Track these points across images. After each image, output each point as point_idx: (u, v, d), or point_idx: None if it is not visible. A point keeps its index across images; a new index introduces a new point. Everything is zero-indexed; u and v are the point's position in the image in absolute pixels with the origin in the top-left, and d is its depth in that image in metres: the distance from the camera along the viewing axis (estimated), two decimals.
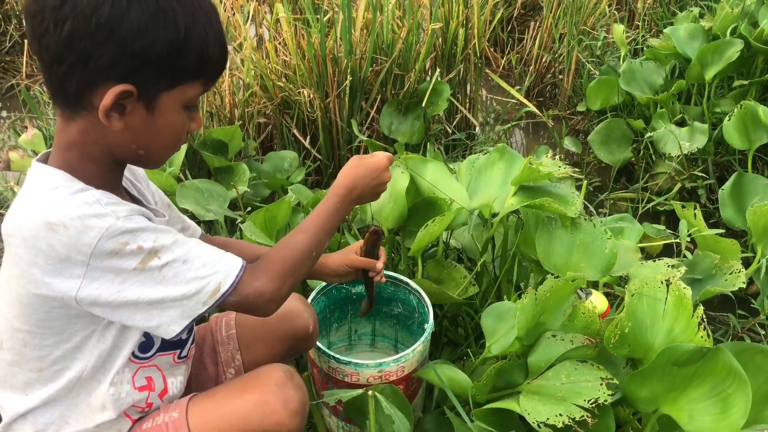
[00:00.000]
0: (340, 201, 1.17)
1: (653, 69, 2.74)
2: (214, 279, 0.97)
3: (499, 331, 1.42)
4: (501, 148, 1.76)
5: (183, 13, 0.90)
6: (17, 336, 0.98)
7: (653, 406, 1.27)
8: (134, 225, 0.92)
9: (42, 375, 1.01)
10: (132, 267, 0.92)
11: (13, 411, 1.03)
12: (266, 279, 1.03)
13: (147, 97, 0.93)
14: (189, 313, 0.97)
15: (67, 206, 0.90)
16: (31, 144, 2.22)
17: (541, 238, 1.55)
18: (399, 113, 2.62)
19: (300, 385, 1.11)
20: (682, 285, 1.33)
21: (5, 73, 3.82)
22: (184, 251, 0.96)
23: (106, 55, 0.87)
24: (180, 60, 0.92)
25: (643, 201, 2.46)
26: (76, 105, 0.93)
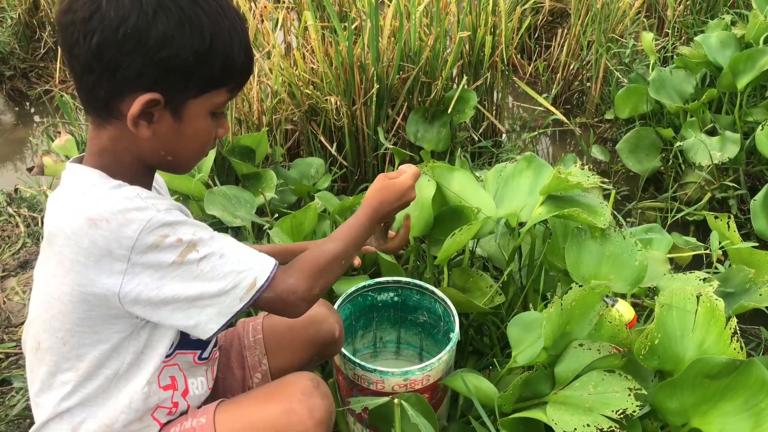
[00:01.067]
0: (368, 219, 1.21)
1: (683, 77, 2.71)
2: (250, 274, 0.99)
3: (525, 341, 1.41)
4: (529, 157, 1.75)
5: (208, 21, 0.92)
6: (56, 336, 0.99)
7: (683, 419, 1.25)
8: (174, 218, 0.94)
9: (78, 375, 1.02)
10: (171, 260, 0.93)
11: (50, 411, 1.04)
12: (299, 277, 1.05)
13: (174, 104, 0.95)
14: (227, 310, 0.98)
15: (107, 201, 0.92)
16: (64, 149, 2.26)
17: (570, 249, 1.54)
18: (425, 121, 2.62)
19: (326, 394, 1.11)
20: (713, 297, 1.31)
21: (39, 79, 3.90)
22: (221, 245, 0.98)
23: (134, 64, 0.90)
24: (205, 67, 0.94)
25: (672, 211, 2.43)
26: (105, 113, 0.95)
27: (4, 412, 1.62)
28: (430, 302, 1.57)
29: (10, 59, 3.82)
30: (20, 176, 2.86)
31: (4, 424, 1.59)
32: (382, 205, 1.23)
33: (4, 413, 1.62)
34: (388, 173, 1.30)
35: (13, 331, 1.91)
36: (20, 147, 3.33)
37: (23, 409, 1.60)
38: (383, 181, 1.26)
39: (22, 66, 3.88)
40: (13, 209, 2.45)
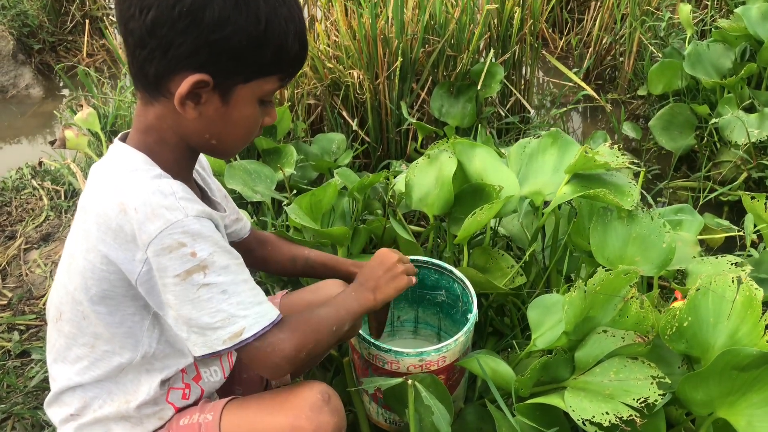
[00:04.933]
0: (356, 292, 1.20)
1: (721, 51, 2.59)
2: (242, 322, 0.95)
3: (546, 324, 1.37)
4: (554, 133, 1.69)
5: (265, 6, 0.91)
6: (77, 308, 1.00)
7: (709, 409, 1.20)
8: (199, 228, 0.92)
9: (94, 353, 1.03)
10: (176, 272, 0.91)
11: (64, 383, 1.06)
12: (289, 337, 1.00)
13: (223, 88, 0.94)
14: (209, 345, 0.96)
15: (142, 191, 0.92)
16: (85, 122, 2.26)
17: (595, 229, 1.48)
18: (450, 95, 2.56)
19: (336, 409, 1.07)
20: (754, 285, 1.25)
21: (67, 52, 3.92)
22: (229, 281, 0.95)
23: (186, 44, 0.89)
24: (258, 53, 0.93)
25: (705, 191, 2.35)
26: (154, 90, 0.95)
27: (23, 384, 1.64)
28: (448, 282, 1.54)
29: (39, 33, 3.84)
30: (45, 149, 2.88)
31: (22, 395, 1.61)
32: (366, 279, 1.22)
33: (23, 384, 1.64)
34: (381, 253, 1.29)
35: (34, 303, 1.93)
36: (48, 120, 3.36)
37: (41, 380, 1.62)
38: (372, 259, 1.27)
39: (51, 40, 3.90)
40: (37, 182, 2.47)
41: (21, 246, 2.14)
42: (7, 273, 2.05)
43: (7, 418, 1.55)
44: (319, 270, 1.40)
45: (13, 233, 2.22)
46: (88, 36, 3.84)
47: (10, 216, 2.32)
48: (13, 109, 3.45)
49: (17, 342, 1.76)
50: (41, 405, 1.57)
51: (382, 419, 1.46)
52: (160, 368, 1.06)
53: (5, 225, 2.28)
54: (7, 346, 1.75)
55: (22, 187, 2.47)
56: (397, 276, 1.23)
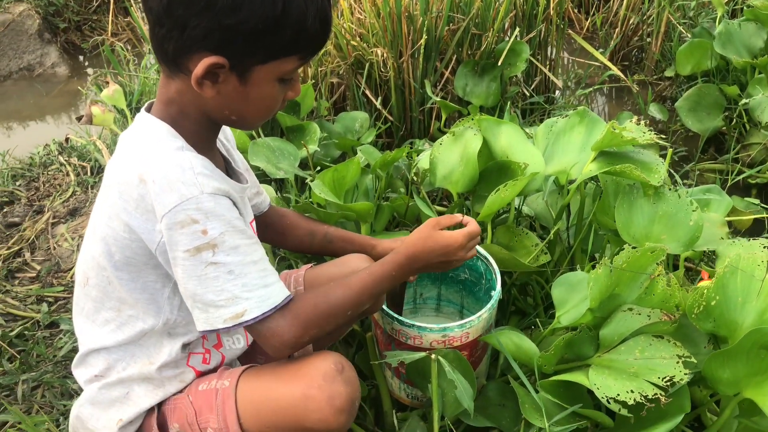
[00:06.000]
0: (398, 269, 1.12)
1: (753, 31, 2.53)
2: (244, 304, 0.96)
3: (570, 301, 1.36)
4: (581, 111, 1.67)
5: None
6: (102, 274, 1.02)
7: (735, 389, 1.19)
8: (213, 206, 0.93)
9: (120, 317, 1.06)
10: (186, 247, 0.92)
11: (91, 345, 1.09)
12: (291, 324, 1.00)
13: (240, 69, 0.94)
14: (210, 322, 0.97)
15: (163, 163, 0.93)
16: (111, 99, 2.28)
17: (620, 207, 1.46)
18: (475, 74, 2.54)
19: (350, 379, 1.06)
20: None
21: (92, 31, 3.96)
22: (237, 261, 0.95)
23: (201, 26, 0.89)
24: (275, 36, 0.91)
25: (733, 173, 2.31)
26: (174, 66, 0.95)
27: (52, 353, 1.68)
28: (471, 259, 1.53)
29: (65, 12, 3.88)
30: (72, 126, 2.91)
31: (51, 364, 1.64)
32: (418, 256, 1.13)
33: (52, 354, 1.67)
34: (441, 218, 1.18)
35: (62, 276, 1.96)
36: (73, 98, 3.39)
37: (70, 350, 1.66)
38: (430, 230, 1.15)
39: (76, 19, 3.93)
40: (64, 158, 2.51)
41: (49, 220, 2.18)
42: (36, 246, 2.09)
43: (38, 387, 1.59)
44: (338, 244, 1.39)
45: (41, 208, 2.26)
46: (113, 15, 3.86)
47: (38, 191, 2.36)
48: (39, 88, 3.49)
49: (46, 313, 1.79)
50: (70, 374, 1.61)
51: (404, 394, 1.47)
52: (183, 333, 1.08)
53: (33, 200, 2.31)
54: (36, 317, 1.79)
55: (49, 162, 2.51)
56: (453, 262, 1.18)
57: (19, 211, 2.24)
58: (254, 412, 1.05)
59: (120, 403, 1.09)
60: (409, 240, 1.15)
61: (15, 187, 2.37)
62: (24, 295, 1.88)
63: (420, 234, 1.15)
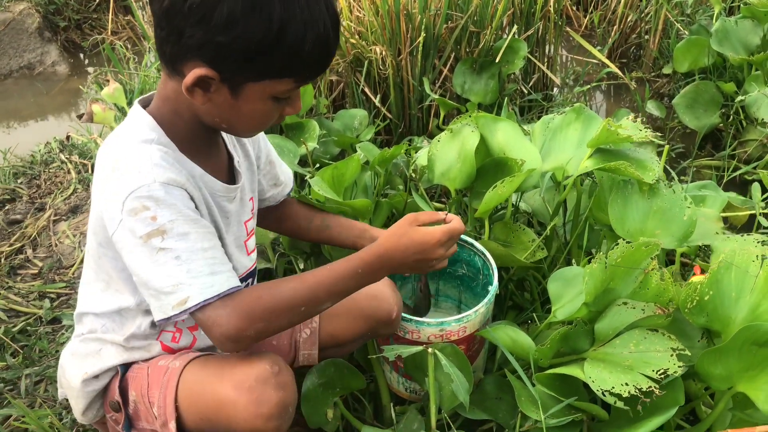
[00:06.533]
0: (365, 266, 1.05)
1: (750, 28, 2.54)
2: (186, 291, 0.94)
3: (566, 296, 1.38)
4: (578, 108, 1.68)
5: (281, 10, 0.88)
6: (95, 250, 1.08)
7: (728, 383, 1.21)
8: (163, 195, 0.95)
9: (109, 289, 1.11)
10: (138, 234, 0.94)
11: (83, 307, 1.15)
12: (231, 314, 0.96)
13: (231, 82, 0.94)
14: (163, 309, 0.96)
15: (128, 153, 0.98)
16: (112, 97, 2.29)
17: (615, 202, 1.48)
18: (473, 72, 2.55)
19: (284, 384, 1.02)
20: None
21: (92, 30, 3.97)
22: (186, 247, 0.95)
23: (195, 37, 0.90)
24: (268, 57, 0.91)
25: (729, 169, 2.32)
26: (171, 68, 0.97)
27: (55, 349, 1.69)
28: (469, 255, 1.55)
29: (65, 10, 3.89)
30: (72, 124, 2.93)
31: (54, 359, 1.66)
32: (391, 254, 1.06)
33: (55, 349, 1.69)
34: (420, 214, 1.10)
35: (63, 272, 1.98)
36: (73, 97, 3.40)
37: None
38: (406, 226, 1.08)
39: (76, 17, 3.94)
40: (65, 156, 2.52)
41: (50, 217, 2.20)
42: (38, 243, 2.10)
43: (40, 381, 1.61)
44: (335, 230, 1.38)
45: (43, 205, 2.28)
46: (113, 13, 3.87)
47: (39, 189, 2.38)
48: (39, 86, 3.50)
49: (48, 309, 1.81)
50: None
51: (403, 388, 1.49)
52: None
53: (35, 197, 2.33)
54: (38, 313, 1.81)
55: (50, 160, 2.52)
56: (427, 269, 1.12)
57: (20, 209, 2.26)
58: (191, 400, 1.04)
59: (92, 357, 1.14)
60: (382, 236, 1.08)
61: (16, 185, 2.39)
62: (26, 291, 1.90)
63: (395, 230, 1.08)
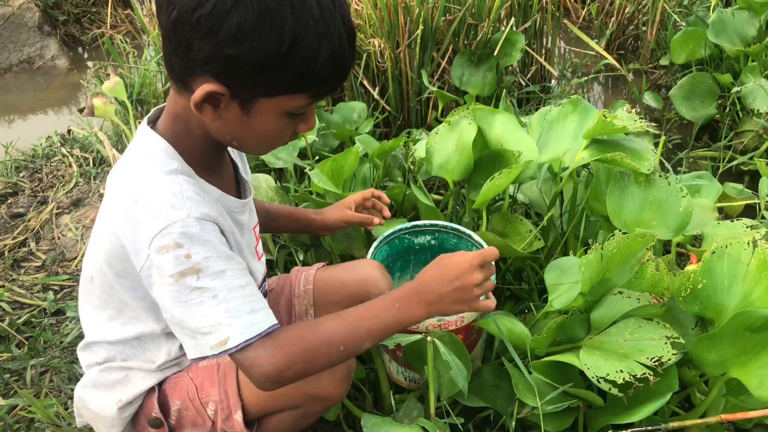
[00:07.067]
0: (401, 301, 1.02)
1: (746, 19, 2.55)
2: (227, 331, 0.92)
3: (562, 286, 1.40)
4: (575, 100, 1.70)
5: (294, 22, 0.83)
6: (105, 279, 1.04)
7: (721, 369, 1.23)
8: (198, 231, 0.91)
9: (122, 316, 1.08)
10: (170, 272, 0.90)
11: (95, 337, 1.12)
12: (271, 355, 0.95)
13: (242, 98, 0.90)
14: (200, 349, 0.94)
15: (154, 186, 0.93)
16: (113, 91, 2.31)
17: (612, 193, 1.50)
18: (471, 64, 2.57)
19: None
20: None
21: (91, 24, 3.97)
22: (222, 286, 0.92)
23: (204, 50, 0.85)
24: (280, 72, 0.87)
25: (725, 160, 2.34)
26: (181, 83, 0.93)
27: (59, 340, 1.72)
28: (467, 246, 1.57)
29: (64, 4, 3.89)
30: (73, 118, 2.94)
31: (59, 350, 1.68)
32: (427, 283, 1.02)
33: (59, 340, 1.71)
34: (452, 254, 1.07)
35: (66, 264, 2.00)
36: (73, 91, 3.41)
37: (76, 337, 1.70)
38: (437, 260, 1.05)
39: (75, 11, 3.94)
40: (66, 150, 2.54)
41: (53, 211, 2.21)
42: (41, 236, 2.12)
43: (46, 372, 1.63)
44: (282, 221, 1.39)
45: (45, 198, 2.29)
46: (112, 7, 3.88)
47: (41, 182, 2.39)
48: (39, 80, 3.51)
49: (52, 301, 1.83)
50: (77, 359, 1.64)
51: (402, 378, 1.51)
52: None
53: (37, 191, 2.35)
54: (42, 305, 1.83)
55: (52, 154, 2.54)
56: (470, 300, 1.03)
57: (23, 202, 2.27)
58: None
59: (120, 384, 1.12)
60: (418, 275, 1.06)
61: (18, 179, 2.41)
62: (30, 283, 1.92)
63: (427, 267, 1.06)
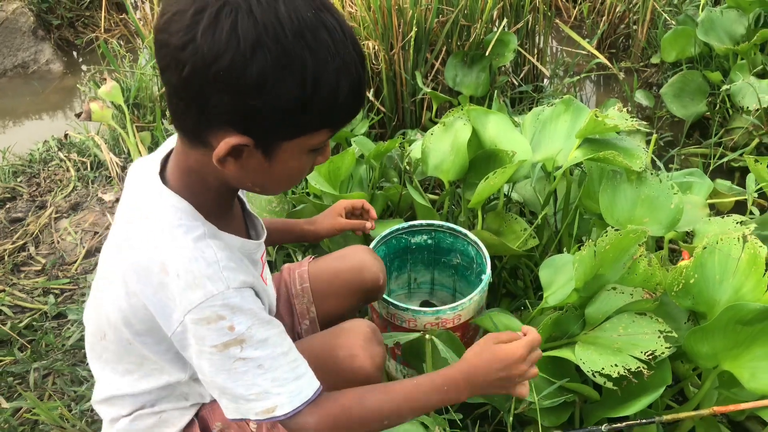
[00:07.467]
0: (451, 384, 1.03)
1: (735, 18, 2.59)
2: (275, 399, 0.93)
3: (557, 282, 1.43)
4: (567, 100, 1.72)
5: (313, 62, 0.81)
6: (121, 336, 0.99)
7: (713, 362, 1.26)
8: (239, 301, 0.90)
9: (142, 369, 1.04)
10: (213, 343, 0.90)
11: (113, 391, 1.07)
12: (318, 424, 0.97)
13: (265, 145, 0.88)
14: (242, 412, 0.95)
15: (185, 255, 0.90)
16: (109, 95, 2.32)
17: (604, 191, 1.53)
18: (464, 65, 2.59)
19: (382, 341, 1.19)
20: (758, 243, 1.29)
21: (85, 28, 3.97)
22: (267, 355, 0.92)
23: (224, 104, 0.82)
24: (304, 114, 0.85)
25: (716, 156, 2.37)
26: (194, 139, 0.89)
27: (61, 342, 1.73)
28: (463, 245, 1.60)
29: (57, 8, 3.89)
30: (70, 122, 2.95)
31: (61, 353, 1.70)
32: (477, 371, 1.04)
33: (61, 343, 1.73)
34: (500, 334, 1.08)
35: (66, 268, 2.01)
36: (68, 95, 3.42)
37: (78, 340, 1.71)
38: (488, 344, 1.05)
39: (69, 15, 3.95)
40: (63, 154, 2.55)
41: (51, 215, 2.22)
42: (40, 240, 2.14)
43: (48, 374, 1.64)
44: (275, 235, 1.38)
45: (44, 203, 2.31)
46: (105, 11, 3.89)
47: (39, 186, 2.40)
48: (35, 85, 3.52)
49: (53, 305, 1.85)
50: (79, 362, 1.66)
51: (401, 375, 1.53)
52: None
53: (35, 195, 2.36)
54: (43, 308, 1.84)
55: (49, 159, 2.55)
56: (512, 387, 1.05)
57: (21, 207, 2.28)
58: None
59: (157, 427, 1.08)
60: (465, 356, 1.07)
61: (16, 183, 2.42)
62: (30, 287, 1.93)
63: (476, 349, 1.06)
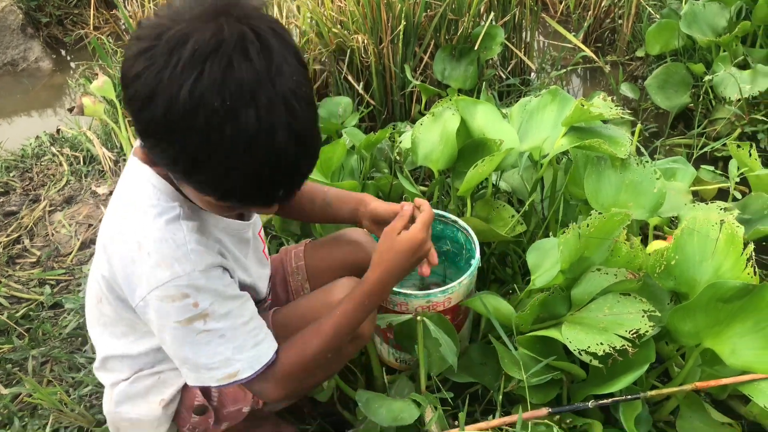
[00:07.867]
0: (370, 295, 1.12)
1: (717, 11, 2.64)
2: (235, 366, 1.00)
3: (544, 265, 1.46)
4: (554, 90, 1.76)
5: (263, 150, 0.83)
6: (111, 300, 1.05)
7: (696, 340, 1.29)
8: (204, 282, 0.95)
9: (136, 332, 1.09)
10: (177, 319, 0.94)
11: (110, 352, 1.12)
12: (274, 386, 1.06)
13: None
14: (202, 380, 1.01)
15: (157, 236, 0.94)
16: (101, 90, 2.34)
17: (589, 177, 1.56)
18: (452, 58, 2.63)
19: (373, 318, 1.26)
20: (735, 224, 1.32)
21: (74, 25, 3.98)
22: (228, 325, 0.98)
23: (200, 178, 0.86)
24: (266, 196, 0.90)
25: (699, 146, 2.42)
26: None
27: (58, 331, 1.75)
28: (452, 231, 1.63)
29: (46, 6, 3.89)
30: (61, 118, 2.96)
31: (58, 341, 1.72)
32: (390, 272, 1.11)
33: (58, 332, 1.75)
34: (394, 223, 1.14)
35: (62, 260, 2.03)
36: (58, 92, 3.43)
37: (75, 328, 1.73)
38: (391, 239, 1.12)
39: (57, 13, 3.95)
40: (56, 149, 2.56)
41: (45, 208, 2.24)
42: (34, 233, 2.15)
43: (46, 362, 1.67)
44: (335, 205, 1.40)
45: (37, 197, 2.32)
46: (94, 9, 3.89)
47: (32, 181, 2.42)
48: (24, 82, 3.52)
49: (49, 295, 1.87)
50: (77, 350, 1.69)
51: (393, 359, 1.56)
52: None
53: (29, 189, 2.37)
54: (39, 299, 1.86)
55: (41, 153, 2.56)
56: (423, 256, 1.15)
57: (15, 201, 2.30)
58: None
59: (156, 387, 1.14)
60: (375, 260, 1.13)
61: (9, 178, 2.43)
62: (26, 279, 1.95)
63: (382, 248, 1.13)
